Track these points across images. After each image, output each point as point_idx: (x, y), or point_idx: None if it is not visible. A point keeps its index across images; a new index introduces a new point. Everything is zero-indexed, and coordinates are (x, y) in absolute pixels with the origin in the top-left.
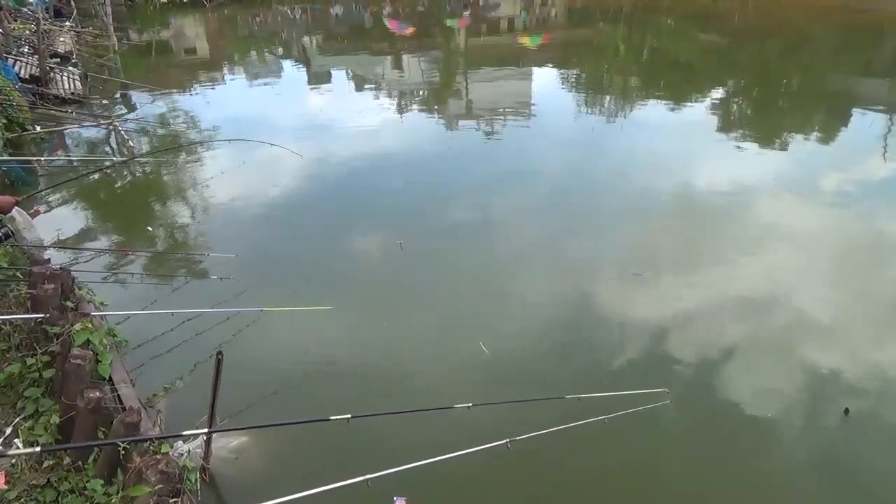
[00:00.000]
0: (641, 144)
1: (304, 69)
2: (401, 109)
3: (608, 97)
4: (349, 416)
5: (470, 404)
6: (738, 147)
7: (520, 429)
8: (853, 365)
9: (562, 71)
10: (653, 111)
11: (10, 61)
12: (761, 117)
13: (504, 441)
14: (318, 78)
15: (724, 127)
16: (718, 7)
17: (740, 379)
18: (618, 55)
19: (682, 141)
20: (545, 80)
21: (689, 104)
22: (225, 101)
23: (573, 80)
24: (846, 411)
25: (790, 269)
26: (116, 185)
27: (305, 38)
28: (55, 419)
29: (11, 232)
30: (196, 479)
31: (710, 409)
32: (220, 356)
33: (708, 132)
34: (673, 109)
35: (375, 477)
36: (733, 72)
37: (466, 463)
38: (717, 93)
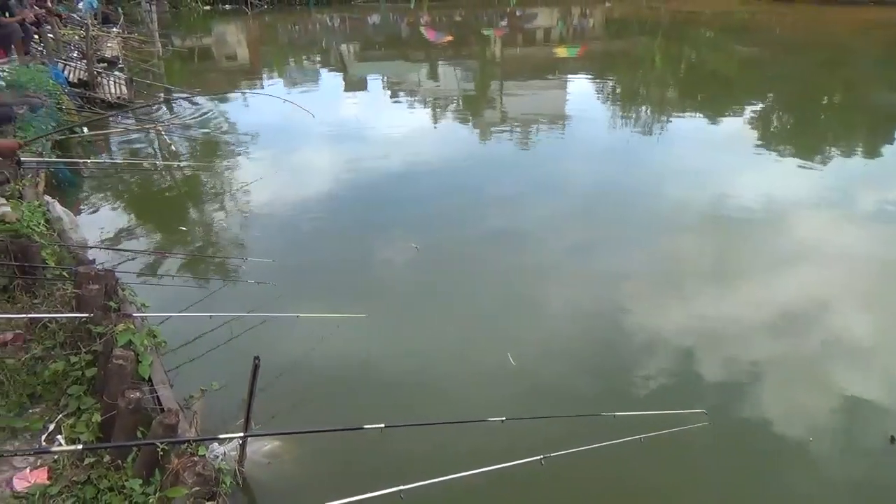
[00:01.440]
0: (678, 157)
1: (341, 76)
2: (435, 118)
3: (644, 109)
4: (382, 425)
5: (503, 418)
6: (778, 161)
7: (553, 445)
8: None
9: (598, 82)
10: (690, 124)
11: (60, 66)
12: (801, 132)
13: (538, 457)
14: (355, 85)
15: (763, 141)
16: (758, 20)
17: (781, 403)
18: (655, 67)
19: (719, 154)
20: (581, 91)
21: (727, 117)
22: (263, 106)
23: (609, 91)
24: (892, 439)
25: (833, 289)
26: (157, 188)
27: (343, 46)
28: (97, 417)
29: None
30: (231, 483)
31: (750, 433)
32: (257, 361)
33: (746, 146)
34: (710, 122)
35: (408, 489)
36: (773, 85)
37: (499, 478)
38: (756, 106)
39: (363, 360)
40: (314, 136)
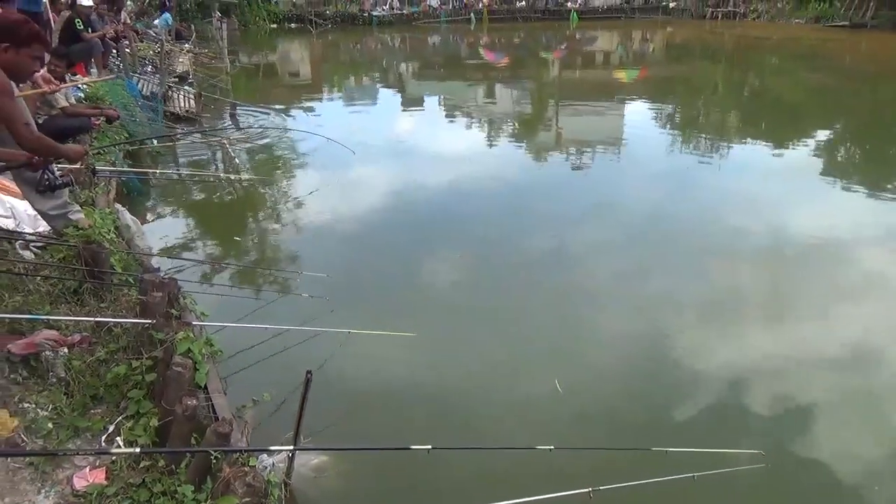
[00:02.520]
0: (739, 186)
1: (399, 94)
2: (490, 138)
3: (705, 135)
4: (430, 446)
5: (552, 447)
6: (845, 193)
7: (603, 477)
8: None
9: (657, 106)
10: (752, 152)
11: (135, 79)
12: (870, 164)
13: (587, 490)
14: (412, 103)
15: (830, 172)
16: (828, 47)
17: (843, 447)
18: (716, 93)
19: (782, 184)
20: (639, 115)
21: (792, 146)
22: (323, 122)
23: (668, 116)
24: None
25: None
26: (219, 199)
27: (402, 65)
28: (154, 422)
29: (71, 181)
30: (278, 495)
31: (809, 477)
32: (309, 375)
33: (811, 176)
34: (774, 151)
35: None
36: (841, 114)
37: None
38: (823, 135)
39: (411, 380)
40: (370, 152)
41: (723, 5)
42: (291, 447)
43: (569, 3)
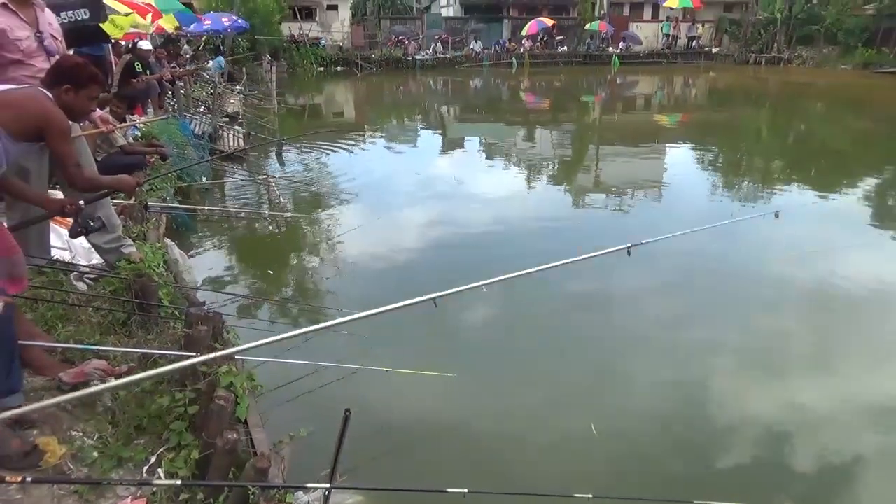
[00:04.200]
0: (783, 232)
1: (440, 136)
2: (529, 179)
3: (748, 181)
4: (466, 490)
5: (591, 496)
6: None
7: None
8: None
9: (699, 151)
10: (798, 199)
11: (188, 119)
12: None
13: None
14: (452, 145)
15: (879, 219)
16: (876, 94)
17: None
18: (760, 139)
19: (830, 232)
20: (680, 160)
21: (840, 193)
22: (364, 161)
23: (711, 161)
24: None
25: None
26: (262, 235)
27: (444, 108)
28: (195, 454)
29: (103, 224)
30: None
31: None
32: (347, 413)
33: (859, 224)
34: (821, 198)
35: None
36: (891, 162)
37: None
38: (872, 183)
39: (449, 421)
40: (410, 191)
41: (767, 51)
42: (327, 485)
43: (610, 49)
